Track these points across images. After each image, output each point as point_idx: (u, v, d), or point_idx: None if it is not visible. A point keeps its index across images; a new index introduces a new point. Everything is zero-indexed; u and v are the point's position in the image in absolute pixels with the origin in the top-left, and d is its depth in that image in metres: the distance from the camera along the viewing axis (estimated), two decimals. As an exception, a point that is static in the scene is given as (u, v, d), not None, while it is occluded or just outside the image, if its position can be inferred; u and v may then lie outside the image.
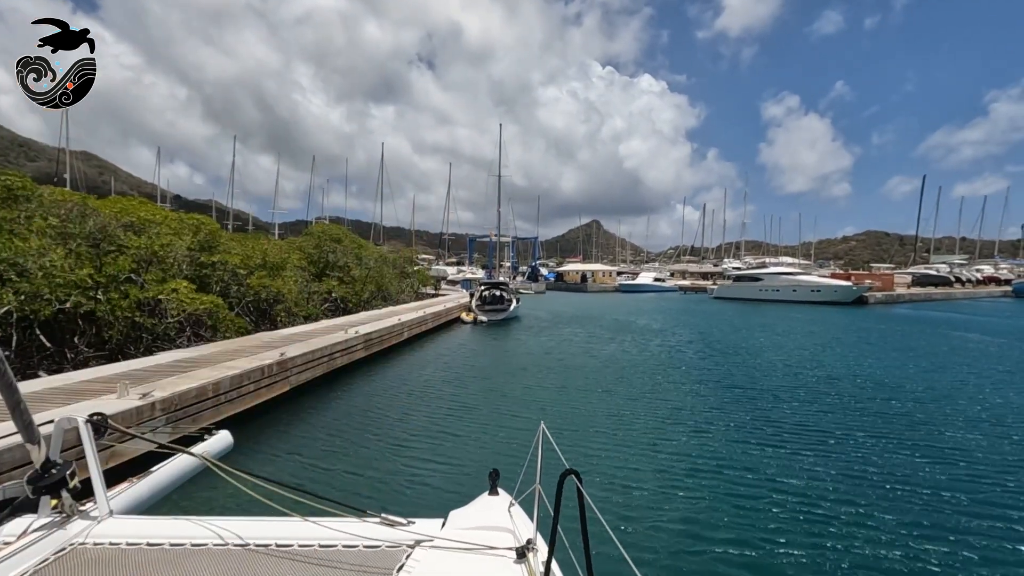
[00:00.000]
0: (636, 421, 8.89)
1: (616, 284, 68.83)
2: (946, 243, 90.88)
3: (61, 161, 53.28)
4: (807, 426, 8.65)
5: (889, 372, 13.58)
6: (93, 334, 10.51)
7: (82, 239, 11.01)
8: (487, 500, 2.52)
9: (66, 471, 2.10)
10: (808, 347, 18.29)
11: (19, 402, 2.03)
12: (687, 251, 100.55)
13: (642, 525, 5.25)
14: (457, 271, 65.45)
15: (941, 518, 5.50)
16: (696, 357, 15.81)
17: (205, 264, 13.76)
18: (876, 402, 10.40)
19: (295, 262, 19.32)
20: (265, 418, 8.69)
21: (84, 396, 6.66)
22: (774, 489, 6.09)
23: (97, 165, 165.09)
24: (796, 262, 63.69)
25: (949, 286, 61.39)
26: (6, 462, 4.77)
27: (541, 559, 1.84)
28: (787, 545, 4.88)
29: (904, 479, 6.52)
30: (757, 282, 49.37)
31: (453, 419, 9.07)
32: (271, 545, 1.95)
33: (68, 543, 1.93)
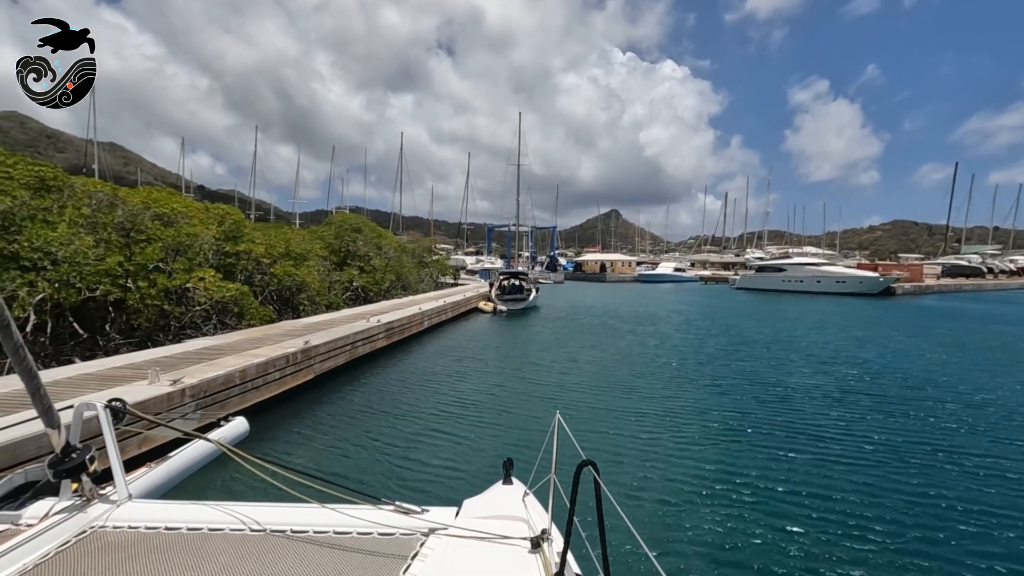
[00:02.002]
0: (654, 415, 8.75)
1: (635, 274, 68.31)
2: (977, 233, 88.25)
3: (89, 152, 54.50)
4: (839, 428, 8.14)
5: (937, 370, 12.61)
6: (123, 321, 10.76)
7: (112, 228, 11.24)
8: (501, 489, 2.51)
9: (85, 456, 2.15)
10: (839, 341, 17.82)
11: (39, 387, 2.07)
12: (708, 241, 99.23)
13: (657, 519, 5.20)
14: (476, 261, 65.64)
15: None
16: (718, 350, 15.57)
17: (230, 253, 13.97)
18: (925, 405, 9.42)
19: (317, 252, 19.52)
20: (289, 405, 8.82)
21: (116, 382, 6.81)
22: (798, 488, 5.94)
23: (122, 156, 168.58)
24: (820, 252, 62.50)
25: (981, 277, 59.68)
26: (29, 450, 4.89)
27: (556, 550, 1.82)
28: (809, 545, 4.77)
29: (961, 500, 5.61)
30: (780, 272, 48.52)
31: (469, 408, 9.09)
32: (287, 531, 1.97)
33: (88, 526, 1.97)
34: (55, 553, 1.77)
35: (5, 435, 4.69)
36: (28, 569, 1.67)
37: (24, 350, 1.95)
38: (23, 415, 5.11)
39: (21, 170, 9.55)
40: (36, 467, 2.16)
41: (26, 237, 8.78)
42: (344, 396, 9.72)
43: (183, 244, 12.31)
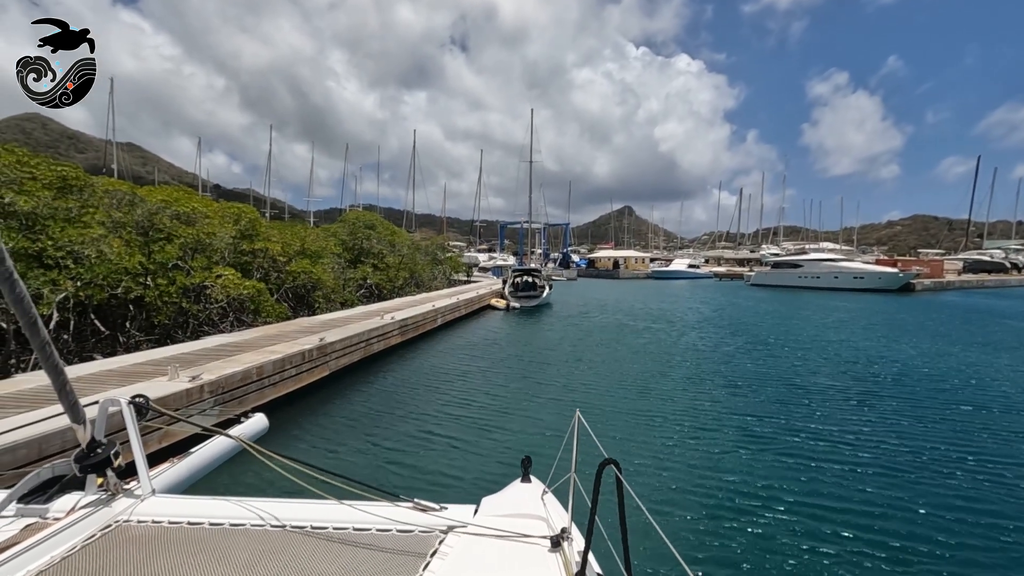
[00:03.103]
0: (672, 415, 8.63)
1: (649, 271, 67.88)
2: (1000, 227, 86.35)
3: (108, 153, 55.50)
4: (867, 433, 7.73)
5: (971, 372, 11.97)
6: (143, 319, 10.94)
7: (132, 227, 11.43)
8: (520, 487, 2.50)
9: (110, 451, 2.18)
10: (862, 339, 17.55)
11: (65, 383, 2.10)
12: (723, 237, 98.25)
13: (678, 520, 5.15)
14: (488, 258, 65.65)
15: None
16: (736, 350, 15.41)
17: (246, 252, 14.14)
18: (962, 411, 8.90)
19: (332, 249, 19.67)
20: (304, 402, 8.91)
21: (137, 378, 6.93)
22: (825, 492, 5.81)
23: (140, 156, 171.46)
24: (837, 248, 61.49)
25: (1004, 273, 58.37)
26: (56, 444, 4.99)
27: (576, 549, 1.80)
28: (837, 551, 4.69)
29: (1006, 517, 5.22)
30: (796, 268, 47.87)
31: (484, 405, 9.11)
32: (307, 527, 1.98)
33: (113, 520, 2.00)
34: (81, 546, 1.80)
35: (32, 430, 4.79)
36: (56, 562, 1.70)
37: (51, 347, 1.98)
38: (47, 411, 5.22)
39: (44, 171, 9.73)
40: (63, 461, 2.20)
41: (49, 236, 8.95)
42: (359, 392, 9.79)
43: (202, 243, 12.49)
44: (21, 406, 5.54)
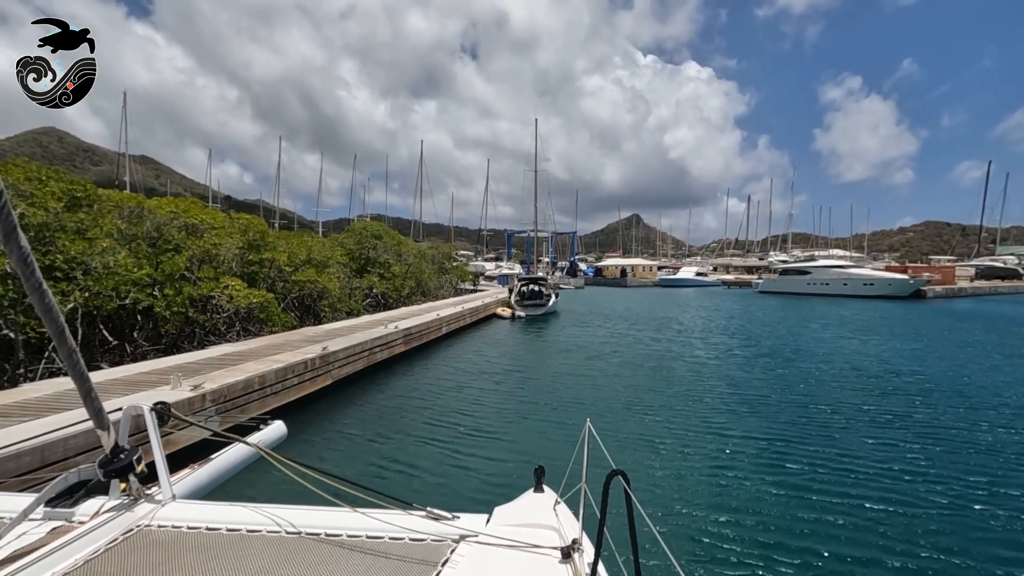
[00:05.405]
0: (682, 426, 8.48)
1: (656, 279, 67.62)
2: (1014, 233, 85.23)
3: (121, 165, 56.41)
4: (882, 447, 7.46)
5: (992, 385, 11.37)
6: (151, 328, 11.10)
7: (141, 239, 11.62)
8: (532, 497, 2.52)
9: (133, 456, 2.25)
10: (874, 349, 17.34)
11: (90, 390, 2.17)
12: (731, 244, 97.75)
13: (687, 532, 5.11)
14: (495, 267, 65.67)
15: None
16: (745, 360, 15.19)
17: (253, 262, 14.31)
18: (995, 432, 8.15)
19: (338, 258, 19.84)
20: (308, 410, 8.97)
21: (142, 387, 7.04)
22: (837, 507, 5.65)
23: (154, 168, 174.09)
24: (847, 254, 60.99)
25: (1017, 279, 57.48)
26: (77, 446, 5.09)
27: (587, 560, 1.82)
28: (849, 563, 4.62)
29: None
30: (805, 275, 47.53)
31: (488, 413, 9.13)
32: (321, 534, 2.03)
33: (135, 524, 2.07)
34: (104, 549, 1.87)
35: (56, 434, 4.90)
36: (80, 564, 1.78)
37: (77, 355, 2.06)
38: (69, 416, 5.33)
39: (53, 186, 9.93)
40: (88, 466, 2.27)
41: (59, 249, 9.13)
42: (362, 401, 9.84)
43: (209, 253, 12.66)
44: (27, 415, 5.66)
